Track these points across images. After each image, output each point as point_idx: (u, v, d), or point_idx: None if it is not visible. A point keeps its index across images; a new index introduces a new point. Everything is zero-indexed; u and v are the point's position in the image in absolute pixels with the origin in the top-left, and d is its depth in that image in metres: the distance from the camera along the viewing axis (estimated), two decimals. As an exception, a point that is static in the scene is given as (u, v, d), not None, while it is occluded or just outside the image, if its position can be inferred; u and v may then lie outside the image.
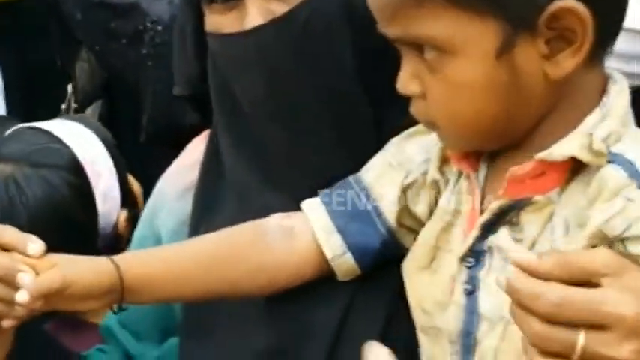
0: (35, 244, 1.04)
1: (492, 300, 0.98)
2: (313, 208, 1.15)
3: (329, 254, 1.13)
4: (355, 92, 1.16)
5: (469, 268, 1.01)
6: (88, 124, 1.50)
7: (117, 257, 1.09)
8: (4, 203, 1.36)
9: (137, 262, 1.11)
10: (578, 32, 0.93)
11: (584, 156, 0.94)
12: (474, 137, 0.99)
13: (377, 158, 1.16)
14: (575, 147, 0.94)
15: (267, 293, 1.16)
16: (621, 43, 1.32)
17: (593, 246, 0.91)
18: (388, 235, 1.13)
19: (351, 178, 1.15)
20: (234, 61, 1.17)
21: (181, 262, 1.13)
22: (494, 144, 1.01)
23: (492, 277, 0.98)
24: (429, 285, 1.05)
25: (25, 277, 1.01)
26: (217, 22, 1.17)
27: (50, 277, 1.03)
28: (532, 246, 0.97)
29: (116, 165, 1.47)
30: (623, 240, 0.90)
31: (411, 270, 1.08)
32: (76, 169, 1.41)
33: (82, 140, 1.46)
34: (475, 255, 1.00)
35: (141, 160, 1.63)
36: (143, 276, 1.10)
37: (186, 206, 1.28)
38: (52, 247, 1.05)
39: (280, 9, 1.13)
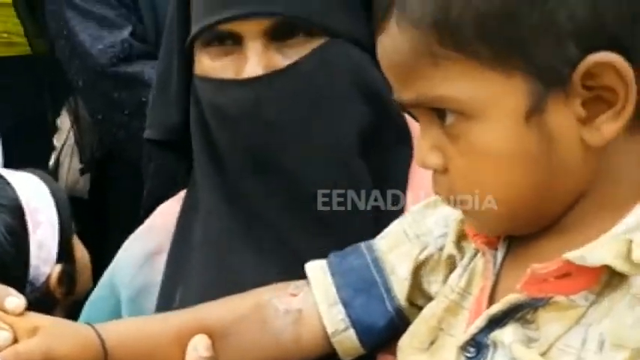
0: (15, 299, 0.93)
1: None
2: (317, 275, 1.03)
3: (330, 329, 1.01)
4: (358, 165, 1.09)
5: (469, 359, 0.87)
6: (42, 177, 1.49)
7: (100, 328, 0.97)
8: None
9: (122, 336, 0.98)
10: (619, 92, 0.78)
11: (619, 265, 0.79)
12: (503, 216, 0.85)
13: (394, 226, 1.04)
14: (609, 254, 0.79)
15: None
16: None
17: None
18: (395, 314, 1.01)
19: (362, 245, 1.04)
20: (222, 110, 1.09)
21: (170, 342, 1.00)
22: (526, 226, 0.86)
23: None
24: None
25: (1, 336, 0.90)
26: (211, 66, 1.11)
27: (31, 349, 0.90)
28: (548, 349, 0.82)
29: (60, 221, 1.44)
30: None
31: (407, 350, 0.95)
32: (15, 210, 1.39)
33: (30, 188, 1.44)
34: (477, 346, 0.87)
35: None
36: (128, 352, 0.98)
37: (148, 272, 1.18)
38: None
39: (281, 61, 1.07)
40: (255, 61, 1.06)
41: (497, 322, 0.85)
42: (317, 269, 1.04)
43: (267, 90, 1.07)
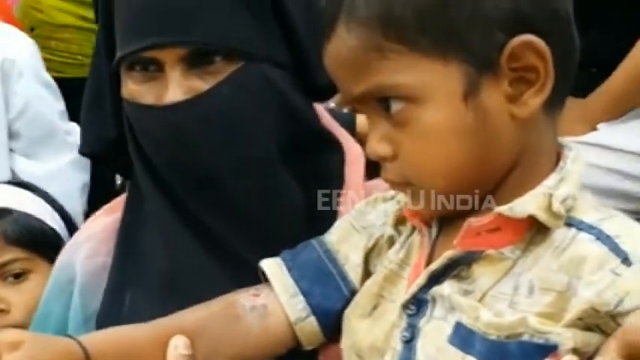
0: None
1: (429, 350, 0.96)
2: (274, 270, 1.13)
3: (292, 317, 1.11)
4: (282, 172, 1.18)
5: (410, 316, 0.99)
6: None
7: (83, 340, 1.03)
8: None
9: (103, 343, 1.05)
10: (539, 68, 0.93)
11: (541, 215, 0.93)
12: (449, 188, 0.97)
13: (340, 222, 1.15)
14: (533, 205, 0.93)
15: None
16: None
17: (580, 319, 0.90)
18: (352, 298, 1.10)
19: (313, 241, 1.15)
20: (151, 133, 1.18)
21: (150, 345, 1.07)
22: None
23: (432, 326, 0.97)
24: (368, 331, 1.03)
25: None
26: (135, 90, 1.17)
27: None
28: (482, 297, 0.95)
29: None
30: (614, 316, 0.88)
31: (352, 318, 1.06)
32: None
33: None
34: (417, 303, 0.99)
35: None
36: (110, 357, 1.04)
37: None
38: None
39: (201, 86, 1.14)
40: (174, 87, 1.13)
41: (435, 279, 0.98)
42: (273, 265, 1.13)
43: (187, 114, 1.13)
